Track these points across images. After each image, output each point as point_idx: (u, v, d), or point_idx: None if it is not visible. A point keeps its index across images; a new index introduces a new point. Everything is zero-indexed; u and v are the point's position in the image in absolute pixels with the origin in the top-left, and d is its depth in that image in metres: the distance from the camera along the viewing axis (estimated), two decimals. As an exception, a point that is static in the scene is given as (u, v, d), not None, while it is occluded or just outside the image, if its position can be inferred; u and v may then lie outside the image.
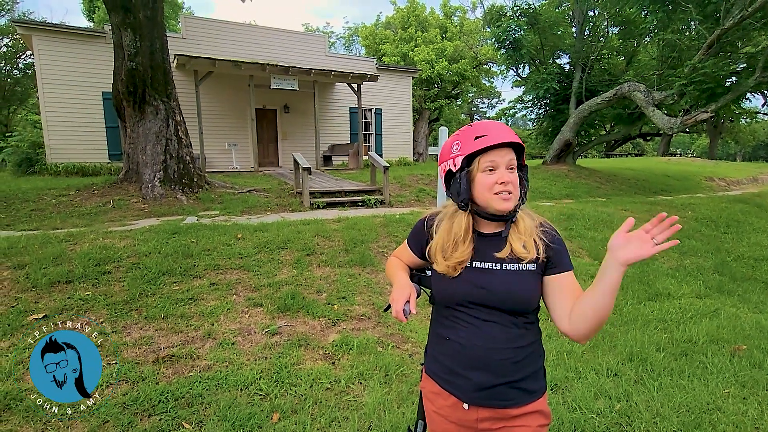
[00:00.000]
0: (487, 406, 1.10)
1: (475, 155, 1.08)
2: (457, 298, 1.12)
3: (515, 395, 1.10)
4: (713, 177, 16.79)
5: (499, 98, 36.61)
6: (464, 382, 1.11)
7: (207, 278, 3.96)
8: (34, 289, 3.57)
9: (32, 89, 22.85)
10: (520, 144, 1.11)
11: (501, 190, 1.07)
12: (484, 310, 1.10)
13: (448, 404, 1.14)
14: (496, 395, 1.09)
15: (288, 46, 14.30)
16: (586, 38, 14.62)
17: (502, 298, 1.09)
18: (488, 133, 1.07)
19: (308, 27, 38.41)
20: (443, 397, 1.16)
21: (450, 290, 1.13)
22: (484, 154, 1.08)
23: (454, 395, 1.13)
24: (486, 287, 1.09)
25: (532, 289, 1.10)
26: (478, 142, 1.07)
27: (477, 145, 1.07)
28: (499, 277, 1.09)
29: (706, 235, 7.09)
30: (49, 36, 11.39)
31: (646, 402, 2.49)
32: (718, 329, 3.53)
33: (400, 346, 3.18)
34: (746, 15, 9.28)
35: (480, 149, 1.07)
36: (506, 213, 1.10)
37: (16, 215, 6.16)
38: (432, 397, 1.19)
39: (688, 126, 10.68)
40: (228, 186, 8.58)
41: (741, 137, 35.84)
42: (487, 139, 1.06)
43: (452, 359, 1.13)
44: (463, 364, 1.11)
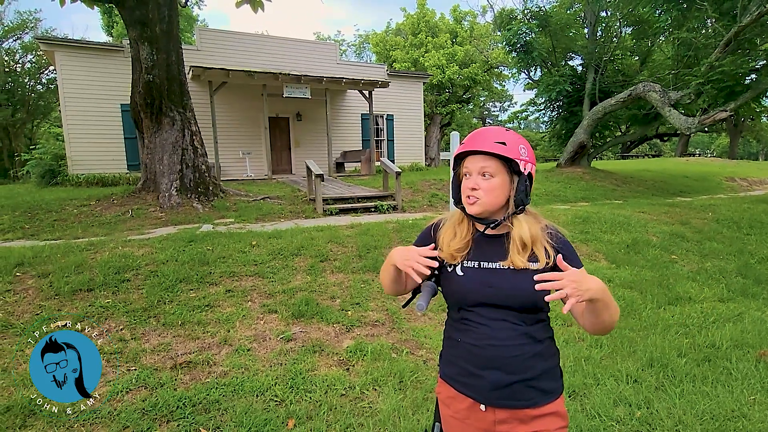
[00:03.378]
0: (505, 406, 1.10)
1: (458, 159, 1.18)
2: (468, 298, 1.14)
3: (533, 394, 1.10)
4: (734, 177, 16.35)
5: (511, 101, 36.45)
6: (479, 382, 1.11)
7: (223, 285, 4.02)
8: (57, 297, 3.67)
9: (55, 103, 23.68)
10: (500, 155, 1.09)
11: (469, 194, 1.13)
12: (494, 309, 1.12)
13: (465, 407, 1.15)
14: (513, 394, 1.09)
15: (300, 55, 14.50)
16: (598, 39, 14.46)
17: (510, 296, 1.10)
18: (470, 140, 1.15)
19: (320, 36, 38.90)
20: (459, 400, 1.16)
21: (462, 290, 1.15)
22: (465, 159, 1.16)
23: (470, 397, 1.13)
24: (494, 286, 1.11)
25: None
26: (459, 147, 1.16)
27: (457, 150, 1.17)
28: (507, 276, 1.11)
29: (728, 236, 6.90)
30: (70, 51, 11.79)
31: (668, 409, 2.43)
32: (742, 334, 3.42)
33: (415, 352, 3.17)
34: (764, 11, 9.07)
35: (459, 153, 1.16)
36: (477, 216, 1.15)
37: (40, 225, 6.36)
38: (448, 402, 1.20)
39: (707, 125, 10.45)
40: (242, 194, 8.71)
41: (763, 136, 34.87)
42: (462, 146, 1.15)
43: (466, 360, 1.14)
44: (477, 363, 1.12)
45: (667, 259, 5.59)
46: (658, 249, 5.88)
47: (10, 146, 24.26)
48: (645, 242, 6.05)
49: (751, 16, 9.33)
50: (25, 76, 24.30)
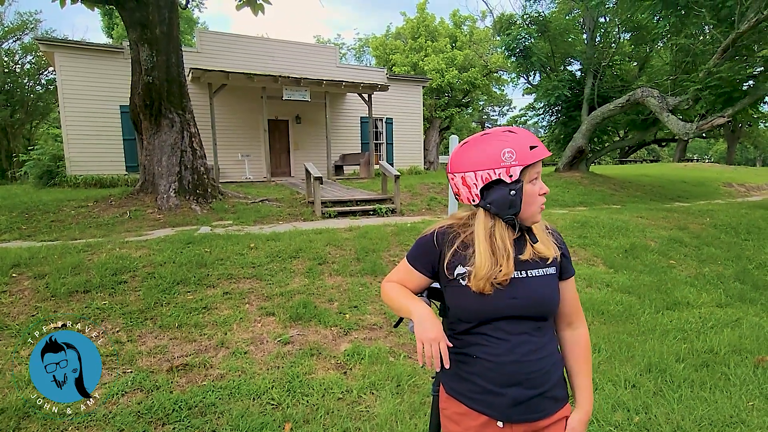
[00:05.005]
0: (523, 421, 1.06)
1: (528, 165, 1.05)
2: (489, 312, 1.06)
3: (547, 405, 1.08)
4: (732, 183, 16.42)
5: (510, 106, 36.55)
6: (499, 400, 1.06)
7: (220, 287, 4.00)
8: (53, 298, 3.65)
9: (54, 104, 23.65)
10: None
11: (543, 201, 1.08)
12: (513, 322, 1.06)
13: (478, 424, 1.09)
14: (531, 408, 1.06)
15: (300, 58, 14.53)
16: (597, 44, 14.55)
17: (533, 305, 1.07)
18: (538, 143, 1.06)
19: (320, 39, 39.02)
20: (472, 417, 1.09)
21: (483, 305, 1.06)
22: (532, 165, 1.05)
23: (486, 414, 1.07)
24: (517, 296, 1.06)
25: (557, 291, 1.12)
26: (534, 152, 1.04)
27: (534, 156, 1.04)
28: (528, 285, 1.07)
29: (726, 242, 6.91)
30: (70, 52, 11.79)
31: (666, 414, 2.42)
32: (740, 339, 3.42)
33: (412, 356, 3.16)
34: (762, 18, 9.14)
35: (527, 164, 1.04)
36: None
37: (37, 226, 6.33)
38: (457, 419, 1.12)
39: (705, 131, 10.51)
40: (241, 196, 8.70)
41: (760, 142, 35.07)
42: (540, 150, 1.05)
43: (483, 378, 1.07)
44: (497, 381, 1.06)
45: (665, 264, 5.60)
46: (656, 254, 5.88)
47: (8, 147, 24.21)
48: (643, 247, 6.06)
49: (748, 23, 9.40)
50: (24, 76, 24.27)
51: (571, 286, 1.17)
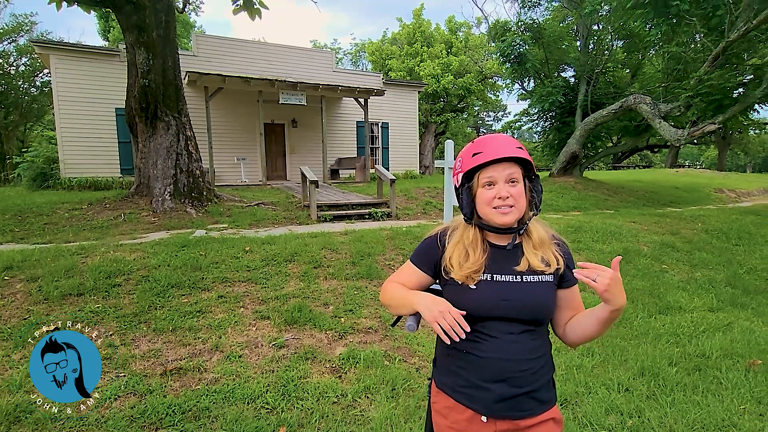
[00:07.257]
0: (507, 417, 1.10)
1: (474, 171, 1.13)
2: (481, 312, 1.11)
3: (532, 405, 1.11)
4: (723, 188, 16.61)
5: (504, 111, 36.75)
6: (485, 394, 1.10)
7: (215, 291, 3.99)
8: (46, 301, 3.62)
9: (48, 106, 23.50)
10: (522, 158, 1.12)
11: (500, 205, 1.10)
12: (505, 323, 1.11)
13: (464, 418, 1.13)
14: (516, 406, 1.10)
15: (296, 62, 14.57)
16: (590, 52, 14.71)
17: (525, 309, 1.10)
18: (484, 149, 1.11)
19: (316, 43, 39.14)
20: (458, 410, 1.14)
21: (474, 304, 1.11)
22: (483, 170, 1.11)
23: (471, 408, 1.12)
24: (510, 299, 1.10)
25: (552, 298, 1.15)
26: (475, 159, 1.11)
27: (473, 162, 1.11)
28: (522, 289, 1.11)
29: (717, 247, 6.99)
30: (66, 55, 11.74)
31: (659, 418, 2.44)
32: (732, 343, 3.46)
33: (407, 360, 3.16)
34: (751, 27, 9.29)
35: (478, 165, 1.11)
36: (509, 226, 1.12)
37: (30, 229, 6.27)
38: (445, 412, 1.16)
39: (696, 138, 10.64)
40: (236, 199, 8.68)
41: (750, 148, 35.56)
42: (481, 156, 1.10)
43: (471, 372, 1.12)
44: (484, 376, 1.10)
45: (658, 269, 5.65)
46: (649, 258, 5.94)
47: (2, 149, 24.00)
48: (636, 252, 6.11)
49: (738, 32, 9.56)
50: (18, 78, 24.11)
51: (575, 294, 1.20)
